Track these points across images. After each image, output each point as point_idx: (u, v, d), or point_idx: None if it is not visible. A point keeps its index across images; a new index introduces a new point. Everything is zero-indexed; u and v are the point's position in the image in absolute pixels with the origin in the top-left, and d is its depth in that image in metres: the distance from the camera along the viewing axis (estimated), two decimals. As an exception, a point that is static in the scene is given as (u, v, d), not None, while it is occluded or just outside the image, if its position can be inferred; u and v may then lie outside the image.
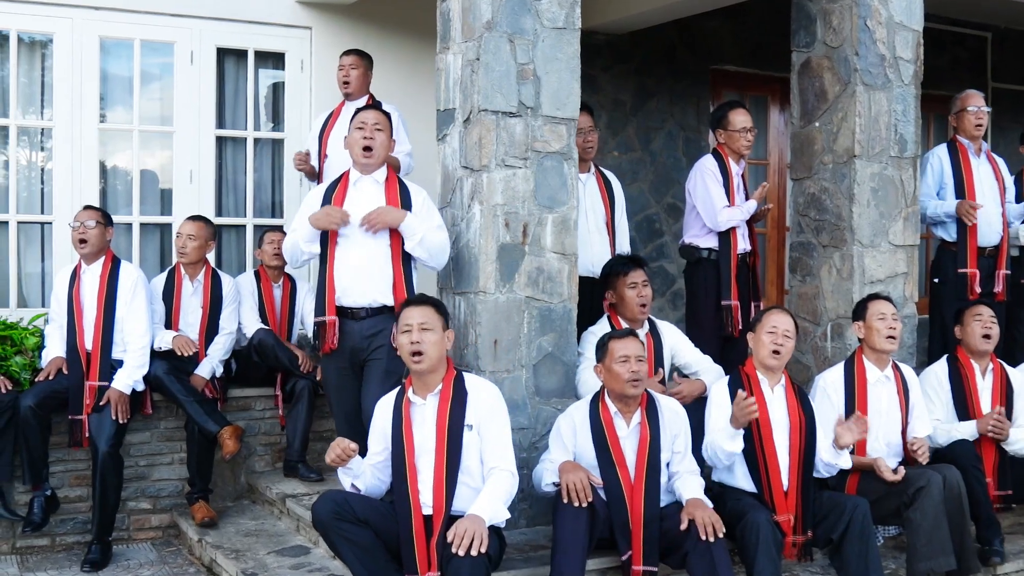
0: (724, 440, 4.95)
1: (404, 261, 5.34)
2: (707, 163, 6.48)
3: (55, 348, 6.21)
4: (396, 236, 5.32)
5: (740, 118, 6.44)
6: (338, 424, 5.64)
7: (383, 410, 4.71)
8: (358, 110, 5.62)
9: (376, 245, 5.31)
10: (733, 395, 5.03)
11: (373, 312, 5.33)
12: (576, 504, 4.57)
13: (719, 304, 6.31)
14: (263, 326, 6.72)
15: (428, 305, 4.66)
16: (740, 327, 6.23)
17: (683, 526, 4.65)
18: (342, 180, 5.50)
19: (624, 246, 6.52)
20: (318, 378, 6.48)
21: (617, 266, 5.81)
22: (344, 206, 5.35)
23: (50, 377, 6.03)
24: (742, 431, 4.96)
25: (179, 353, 6.27)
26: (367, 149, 5.38)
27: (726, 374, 5.52)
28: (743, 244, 6.45)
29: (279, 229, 7.13)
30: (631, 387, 4.80)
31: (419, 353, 4.52)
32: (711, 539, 4.56)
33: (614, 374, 4.84)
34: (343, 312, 5.36)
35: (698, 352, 5.86)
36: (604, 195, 6.43)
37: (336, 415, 5.69)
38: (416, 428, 4.57)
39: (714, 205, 6.29)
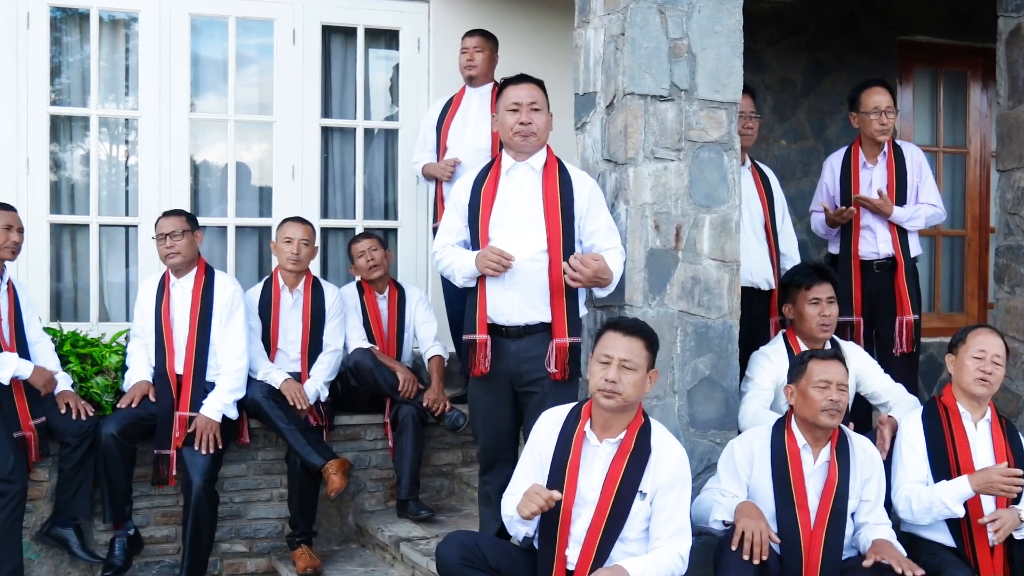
0: (950, 499, 4.88)
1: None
2: (829, 159, 6.80)
3: (139, 370, 6.38)
4: (557, 238, 5.18)
5: (875, 98, 6.53)
6: (482, 459, 5.55)
7: (548, 428, 4.64)
8: (505, 83, 5.43)
9: (532, 251, 5.16)
10: (928, 431, 4.94)
11: (529, 330, 5.23)
12: (748, 559, 4.51)
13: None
14: (364, 345, 6.83)
15: (638, 337, 4.54)
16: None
17: (866, 563, 4.58)
18: (493, 167, 5.39)
19: (791, 252, 6.45)
20: (424, 404, 6.61)
21: (799, 276, 5.76)
22: (497, 198, 5.27)
23: (133, 405, 6.19)
24: (972, 493, 4.88)
25: (291, 402, 6.38)
26: (526, 134, 5.23)
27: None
28: (873, 247, 6.54)
29: (371, 235, 7.21)
30: (826, 417, 4.74)
31: (613, 392, 4.44)
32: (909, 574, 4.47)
33: (809, 399, 4.78)
34: (495, 330, 5.27)
35: (888, 379, 5.77)
36: (762, 192, 6.37)
37: (479, 448, 5.60)
38: (583, 472, 4.52)
39: (811, 205, 6.51)
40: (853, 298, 6.52)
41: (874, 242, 6.58)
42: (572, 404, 4.71)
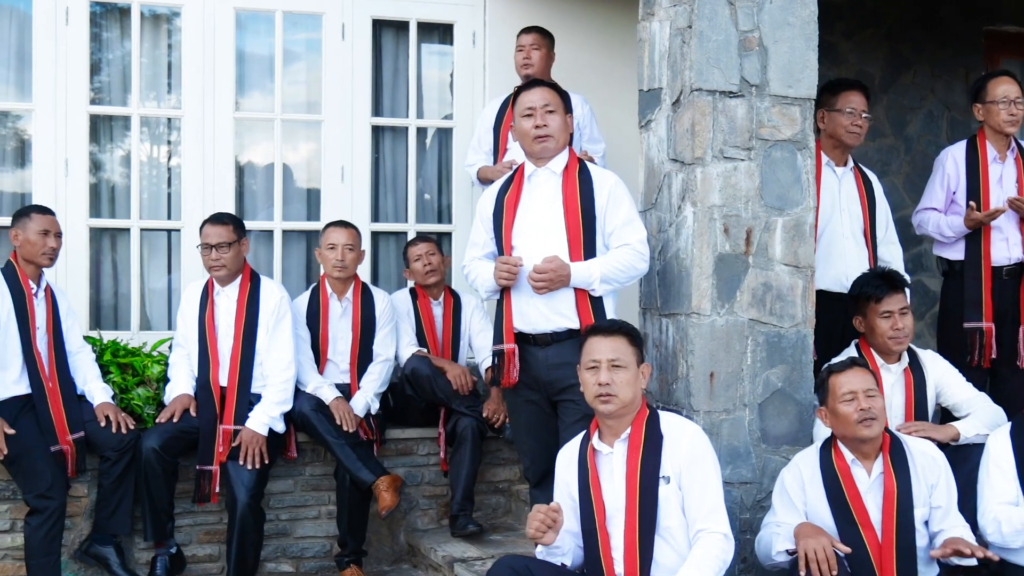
0: None
1: None
2: (949, 152, 6.65)
3: (180, 382, 6.45)
4: (578, 241, 5.31)
5: (1003, 87, 6.44)
6: (530, 473, 5.68)
7: (566, 461, 4.77)
8: (518, 90, 5.64)
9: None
10: (1018, 449, 4.92)
11: (557, 338, 5.34)
12: None
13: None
14: (419, 351, 6.87)
15: (620, 335, 4.67)
16: (994, 356, 6.24)
17: (933, 553, 4.64)
18: (516, 176, 5.55)
19: (894, 259, 6.38)
20: (484, 414, 6.64)
21: (868, 287, 5.67)
22: (520, 205, 5.42)
23: (175, 419, 6.25)
24: None
25: (339, 422, 6.42)
26: (541, 138, 5.40)
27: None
28: (1006, 252, 6.45)
29: (428, 239, 7.27)
30: (863, 428, 4.73)
31: (608, 395, 4.55)
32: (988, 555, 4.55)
33: (840, 417, 4.79)
34: (523, 339, 5.40)
35: (971, 389, 5.72)
36: (863, 194, 6.31)
37: (525, 463, 5.74)
38: (605, 482, 4.61)
39: (921, 202, 6.37)
40: (983, 304, 6.39)
41: (1006, 246, 6.47)
42: (581, 434, 4.80)
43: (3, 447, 5.80)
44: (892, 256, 6.36)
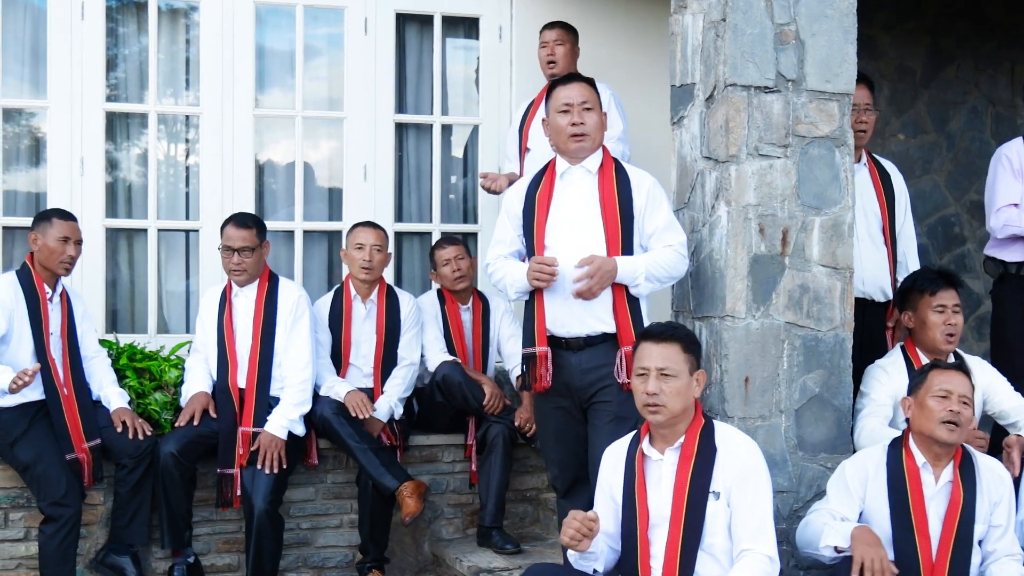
0: None
1: None
2: (1009, 148, 6.55)
3: (197, 381, 6.46)
4: (616, 240, 5.32)
5: None
6: (558, 483, 5.68)
7: (612, 462, 4.73)
8: (553, 84, 5.63)
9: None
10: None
11: (591, 342, 5.34)
12: None
13: None
14: (449, 358, 6.85)
15: (672, 342, 4.60)
16: None
17: None
18: (547, 172, 5.54)
19: (911, 258, 6.39)
20: (516, 423, 6.61)
21: (923, 282, 5.70)
22: (552, 203, 5.41)
23: (194, 420, 6.26)
24: None
25: (353, 413, 6.42)
26: (578, 136, 5.39)
27: None
28: None
29: (456, 241, 7.24)
30: (945, 430, 4.70)
31: (656, 405, 4.51)
32: None
33: (927, 410, 4.76)
34: (555, 342, 5.39)
35: (1019, 397, 5.71)
36: (880, 191, 6.31)
37: (553, 473, 5.74)
38: (651, 489, 4.57)
39: (994, 202, 6.25)
40: None
41: None
42: (632, 433, 4.77)
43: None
44: (906, 249, 6.36)
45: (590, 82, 5.53)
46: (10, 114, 7.48)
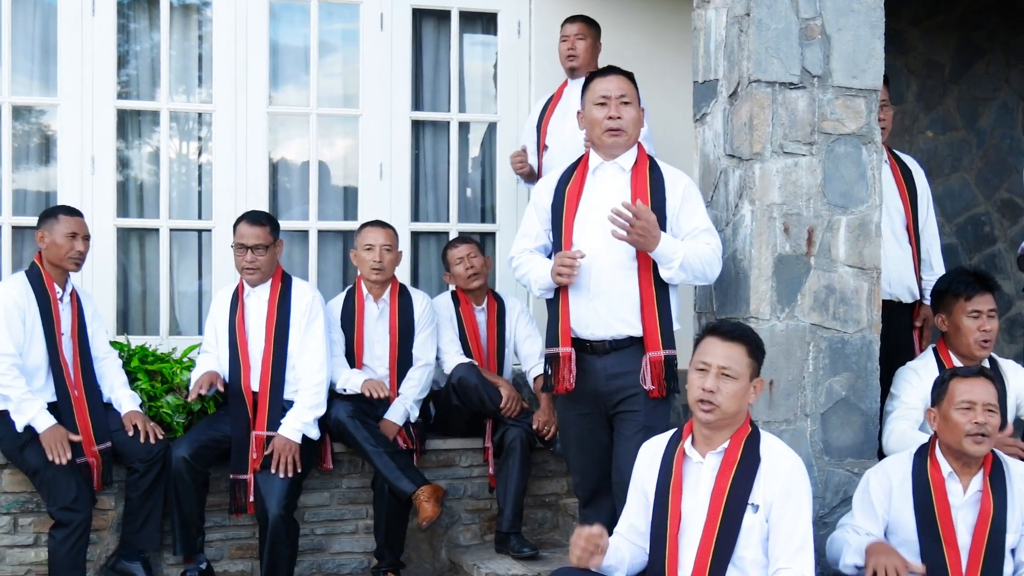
0: None
1: (657, 278, 5.25)
2: None
3: (205, 365, 6.44)
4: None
5: None
6: (580, 491, 5.67)
7: (648, 458, 4.69)
8: (591, 76, 5.58)
9: (619, 257, 5.26)
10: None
11: (617, 346, 5.30)
12: None
13: None
14: (465, 360, 6.83)
15: (739, 343, 4.55)
16: None
17: None
18: (579, 167, 5.49)
19: (934, 257, 6.36)
20: (534, 426, 6.58)
21: (958, 285, 5.64)
22: (582, 199, 5.37)
23: (203, 392, 6.25)
24: None
25: (368, 395, 6.41)
26: (614, 131, 5.35)
27: None
28: None
29: (468, 240, 7.22)
30: (972, 443, 4.66)
31: (711, 404, 4.46)
32: None
33: (951, 424, 4.71)
34: (580, 345, 5.35)
35: (1055, 401, 5.68)
36: (903, 189, 6.30)
37: (575, 480, 5.72)
38: (687, 492, 4.53)
39: None
40: None
41: None
42: (672, 431, 4.73)
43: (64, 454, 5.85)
44: (929, 248, 6.35)
45: (629, 76, 5.50)
46: (20, 112, 7.49)
